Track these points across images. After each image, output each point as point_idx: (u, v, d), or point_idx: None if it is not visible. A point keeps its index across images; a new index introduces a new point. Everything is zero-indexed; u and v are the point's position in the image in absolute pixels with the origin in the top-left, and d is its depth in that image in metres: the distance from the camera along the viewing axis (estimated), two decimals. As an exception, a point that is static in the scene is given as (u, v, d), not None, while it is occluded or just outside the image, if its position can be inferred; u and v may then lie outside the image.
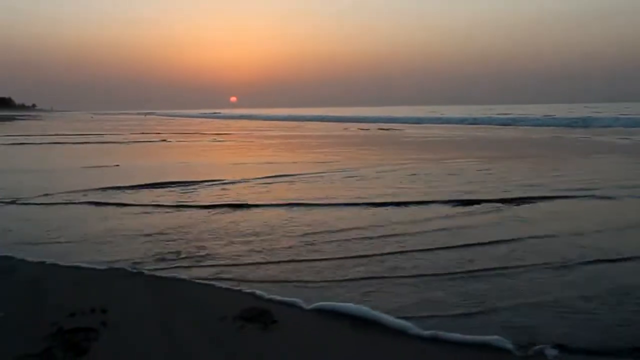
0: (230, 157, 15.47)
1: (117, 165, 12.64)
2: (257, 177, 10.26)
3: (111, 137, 26.08)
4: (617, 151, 16.03)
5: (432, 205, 7.05)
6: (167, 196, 8.17)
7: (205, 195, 8.24)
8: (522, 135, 25.80)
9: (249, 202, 7.45)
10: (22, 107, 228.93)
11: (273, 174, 10.51)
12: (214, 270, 4.44)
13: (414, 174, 10.43)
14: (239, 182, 9.69)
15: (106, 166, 12.52)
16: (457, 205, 7.06)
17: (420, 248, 4.96)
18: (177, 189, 8.92)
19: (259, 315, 3.46)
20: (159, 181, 9.59)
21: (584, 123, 36.46)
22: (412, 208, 6.93)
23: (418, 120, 50.26)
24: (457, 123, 44.17)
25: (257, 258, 4.74)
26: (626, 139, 21.87)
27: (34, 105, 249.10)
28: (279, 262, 4.62)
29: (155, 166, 12.80)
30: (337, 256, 4.75)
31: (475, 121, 45.32)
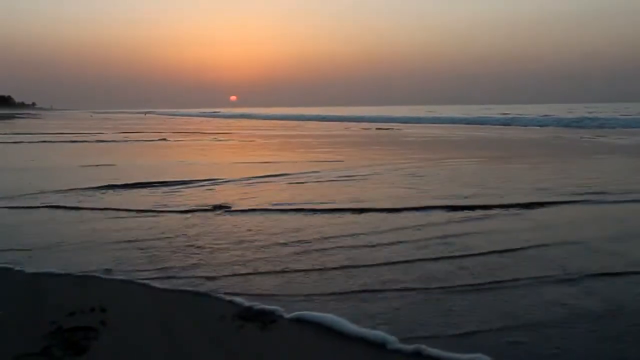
0: (227, 156, 15.29)
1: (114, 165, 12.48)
2: (250, 176, 10.05)
3: (109, 137, 25.85)
4: (620, 151, 15.78)
5: (429, 211, 6.67)
6: (150, 197, 7.91)
7: (188, 197, 7.96)
8: (522, 135, 25.55)
9: (234, 206, 7.15)
10: (22, 105, 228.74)
11: (266, 174, 10.32)
12: (190, 281, 4.19)
13: (411, 174, 10.20)
14: (230, 181, 9.47)
15: (96, 165, 12.24)
16: (455, 210, 6.72)
17: (411, 258, 4.66)
18: (165, 188, 8.69)
19: (258, 314, 3.42)
20: (146, 181, 9.39)
21: (584, 123, 36.27)
22: (406, 214, 6.59)
23: (417, 120, 50.16)
24: (458, 123, 44.00)
25: (237, 269, 4.46)
26: (624, 138, 21.69)
27: (33, 104, 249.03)
28: (260, 272, 4.36)
29: (147, 165, 12.53)
30: (323, 266, 4.49)
31: (474, 121, 45.16)
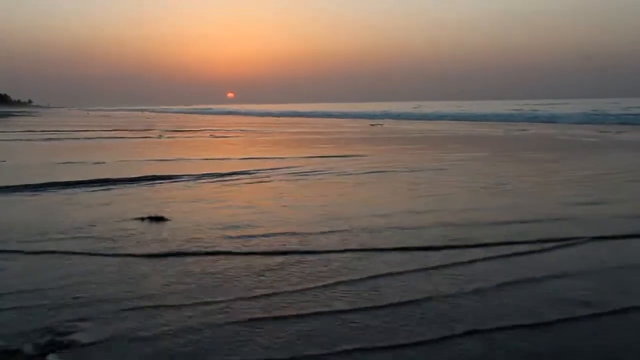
0: (214, 152, 14.69)
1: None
2: (201, 173, 9.36)
3: (97, 134, 24.71)
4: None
5: (415, 252, 4.74)
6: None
7: (86, 203, 6.89)
8: (538, 132, 23.74)
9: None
10: (18, 103, 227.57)
11: (215, 171, 9.71)
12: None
13: (387, 173, 8.28)
14: (179, 180, 8.76)
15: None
16: (449, 249, 4.83)
17: (378, 344, 2.99)
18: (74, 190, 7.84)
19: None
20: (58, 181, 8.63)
21: (597, 120, 35.26)
22: (364, 256, 4.71)
23: (411, 116, 49.78)
24: (463, 120, 43.16)
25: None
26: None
27: (30, 102, 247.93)
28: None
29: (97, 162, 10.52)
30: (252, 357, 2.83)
31: (473, 118, 44.47)
